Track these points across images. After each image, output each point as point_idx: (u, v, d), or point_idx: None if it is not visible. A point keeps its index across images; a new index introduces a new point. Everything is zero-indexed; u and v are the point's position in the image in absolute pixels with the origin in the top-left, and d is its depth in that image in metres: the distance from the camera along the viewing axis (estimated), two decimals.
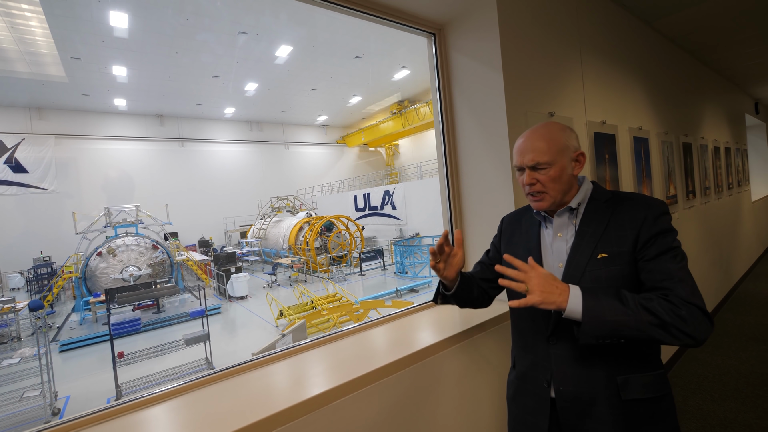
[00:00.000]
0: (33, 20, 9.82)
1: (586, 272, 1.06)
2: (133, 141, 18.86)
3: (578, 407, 1.07)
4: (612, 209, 1.09)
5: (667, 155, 3.66)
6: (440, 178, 2.16)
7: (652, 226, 1.03)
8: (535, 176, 1.10)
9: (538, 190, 1.11)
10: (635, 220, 1.04)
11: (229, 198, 21.38)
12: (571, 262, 1.09)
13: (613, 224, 1.07)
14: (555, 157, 1.08)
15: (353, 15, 1.82)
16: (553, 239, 1.17)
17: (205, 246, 18.39)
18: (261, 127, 22.75)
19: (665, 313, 0.91)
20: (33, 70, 12.75)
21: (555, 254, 1.15)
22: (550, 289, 0.97)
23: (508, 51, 1.87)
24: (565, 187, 1.11)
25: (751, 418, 2.63)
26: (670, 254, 1.01)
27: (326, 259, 14.09)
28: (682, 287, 0.95)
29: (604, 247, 1.06)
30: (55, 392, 5.57)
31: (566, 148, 1.09)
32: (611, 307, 0.93)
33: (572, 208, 1.13)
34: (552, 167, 1.08)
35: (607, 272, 1.04)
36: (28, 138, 16.07)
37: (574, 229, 1.13)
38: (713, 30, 3.94)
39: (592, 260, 1.06)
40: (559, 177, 1.09)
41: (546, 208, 1.14)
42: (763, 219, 7.74)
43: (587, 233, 1.09)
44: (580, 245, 1.09)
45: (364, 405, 1.25)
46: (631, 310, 0.93)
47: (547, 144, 1.08)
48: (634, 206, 1.07)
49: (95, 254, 10.93)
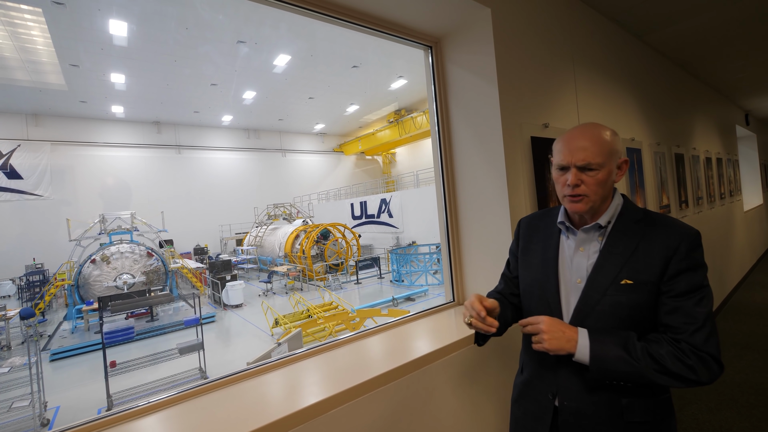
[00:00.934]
0: (35, 29, 9.88)
1: (606, 295, 1.03)
2: (130, 148, 18.83)
3: (580, 423, 1.07)
4: (643, 232, 1.04)
5: (659, 166, 3.71)
6: (437, 187, 2.18)
7: (684, 259, 0.98)
8: (582, 177, 1.03)
9: (581, 192, 1.04)
10: (667, 249, 0.99)
11: (226, 205, 21.32)
12: (592, 282, 1.05)
13: (642, 249, 1.02)
14: (606, 160, 1.02)
15: (352, 28, 1.85)
16: (575, 253, 1.11)
17: (200, 253, 18.27)
18: (258, 134, 22.81)
19: (671, 363, 0.93)
20: (32, 78, 12.77)
21: (574, 269, 1.10)
22: (560, 338, 1.01)
23: (502, 64, 1.90)
24: (607, 194, 1.06)
25: (747, 427, 2.63)
26: (699, 295, 0.97)
27: (322, 267, 14.03)
28: (698, 335, 0.94)
29: (630, 273, 1.01)
30: (45, 402, 5.47)
31: (615, 152, 1.04)
32: (618, 358, 0.95)
33: (601, 225, 1.07)
34: (601, 170, 1.02)
35: (628, 300, 1.01)
36: (23, 144, 15.99)
37: (599, 246, 1.08)
38: (703, 44, 4.03)
39: (614, 284, 1.02)
40: (605, 182, 1.03)
41: (584, 211, 1.07)
42: (755, 228, 7.82)
43: (613, 254, 1.04)
44: (603, 266, 1.05)
45: (361, 414, 1.24)
46: (636, 361, 0.94)
47: (600, 145, 1.02)
48: (667, 233, 1.01)
49: (89, 261, 10.83)
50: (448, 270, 2.14)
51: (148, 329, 8.67)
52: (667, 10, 3.14)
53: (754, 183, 9.01)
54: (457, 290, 2.12)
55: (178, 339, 7.46)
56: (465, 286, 2.12)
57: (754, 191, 8.92)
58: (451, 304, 2.11)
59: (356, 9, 1.77)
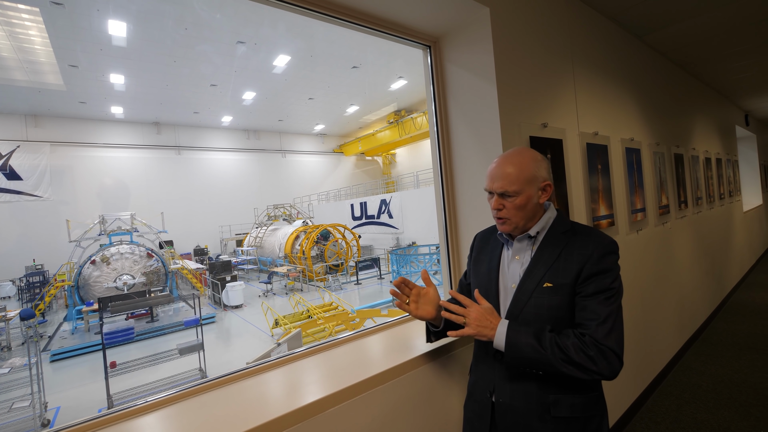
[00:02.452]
0: (33, 29, 9.88)
1: (531, 298, 1.15)
2: (130, 149, 18.83)
3: (513, 418, 1.15)
4: (566, 241, 1.16)
5: (658, 166, 3.71)
6: (435, 187, 2.19)
7: (596, 264, 1.09)
8: (502, 202, 1.16)
9: (503, 216, 1.18)
10: (582, 255, 1.11)
11: (226, 206, 21.32)
12: (521, 286, 1.18)
13: (564, 256, 1.14)
14: (522, 187, 1.13)
15: (351, 28, 1.85)
16: (511, 261, 1.24)
17: (200, 254, 18.28)
18: (258, 135, 22.81)
19: (574, 353, 1.02)
20: (31, 78, 12.77)
21: (510, 275, 1.23)
22: (484, 323, 1.12)
23: (501, 63, 1.91)
24: (529, 215, 1.17)
25: (745, 426, 2.63)
26: (605, 295, 1.08)
27: (322, 267, 14.04)
28: (600, 329, 1.04)
29: (551, 278, 1.13)
30: (45, 403, 5.47)
31: (534, 178, 1.15)
32: (528, 345, 1.06)
33: (531, 235, 1.20)
34: (518, 196, 1.14)
35: (548, 301, 1.12)
36: (23, 145, 16.00)
37: (530, 254, 1.20)
38: (702, 44, 4.04)
39: (538, 288, 1.14)
40: (524, 206, 1.15)
41: (509, 231, 1.21)
42: (754, 229, 7.82)
43: (540, 261, 1.17)
44: (532, 271, 1.17)
45: (360, 412, 1.25)
46: (545, 350, 1.04)
47: (517, 173, 1.13)
48: (585, 241, 1.14)
49: (89, 262, 10.84)
50: (446, 270, 2.15)
51: (148, 330, 8.68)
52: (666, 10, 3.14)
53: (754, 183, 9.02)
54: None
55: (178, 340, 7.46)
56: None
57: (754, 192, 8.92)
58: None
59: (355, 8, 1.78)
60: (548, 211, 1.22)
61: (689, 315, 4.08)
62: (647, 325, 3.13)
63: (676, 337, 3.73)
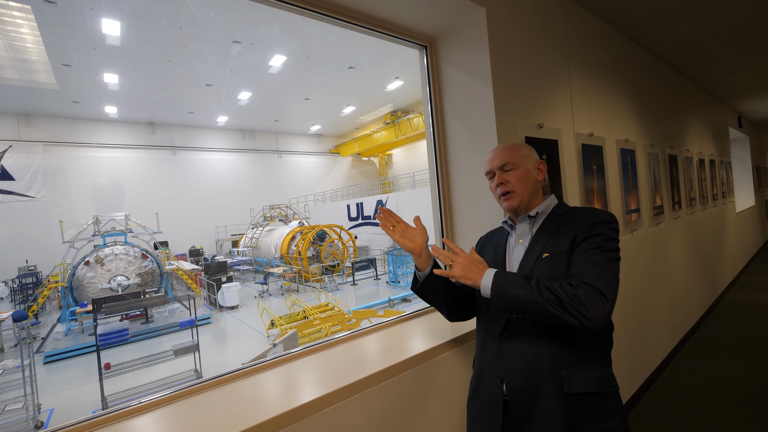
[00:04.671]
0: (24, 27, 9.78)
1: (533, 271, 1.16)
2: (124, 149, 18.68)
3: (525, 398, 1.13)
4: (563, 219, 1.21)
5: (653, 167, 3.74)
6: (431, 187, 2.19)
7: (588, 229, 1.13)
8: (504, 177, 1.24)
9: (507, 189, 1.24)
10: (578, 225, 1.15)
11: (221, 207, 21.21)
12: (523, 263, 1.22)
13: (560, 231, 1.18)
14: (520, 160, 1.24)
15: (347, 27, 1.86)
16: (515, 245, 1.29)
17: (195, 255, 18.17)
18: (254, 135, 22.73)
19: (562, 292, 1.01)
20: (22, 77, 12.64)
21: (515, 259, 1.27)
22: (471, 268, 1.12)
23: (497, 64, 1.92)
24: (532, 188, 1.24)
25: (737, 425, 2.66)
26: (598, 249, 1.09)
27: (318, 268, 14.01)
28: (589, 272, 1.04)
29: (548, 249, 1.17)
30: (39, 405, 5.41)
31: (528, 156, 1.26)
32: (515, 283, 1.06)
33: (531, 216, 1.25)
34: (518, 168, 1.23)
35: (548, 270, 1.14)
36: (15, 145, 15.81)
37: (531, 236, 1.25)
38: (696, 46, 4.08)
39: (538, 260, 1.17)
40: (525, 177, 1.23)
41: (515, 207, 1.24)
42: (747, 230, 7.90)
43: (539, 239, 1.21)
44: (532, 249, 1.21)
45: (356, 412, 1.25)
46: (532, 287, 1.03)
47: (512, 150, 1.25)
48: (580, 215, 1.19)
49: (83, 263, 10.74)
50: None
51: (143, 331, 8.61)
52: (661, 12, 3.17)
53: (747, 185, 9.11)
54: None
55: (173, 341, 7.41)
56: None
57: (747, 193, 9.02)
58: None
59: (351, 8, 1.78)
60: (550, 198, 1.30)
61: (682, 315, 4.12)
62: (641, 324, 3.16)
63: (670, 336, 3.77)
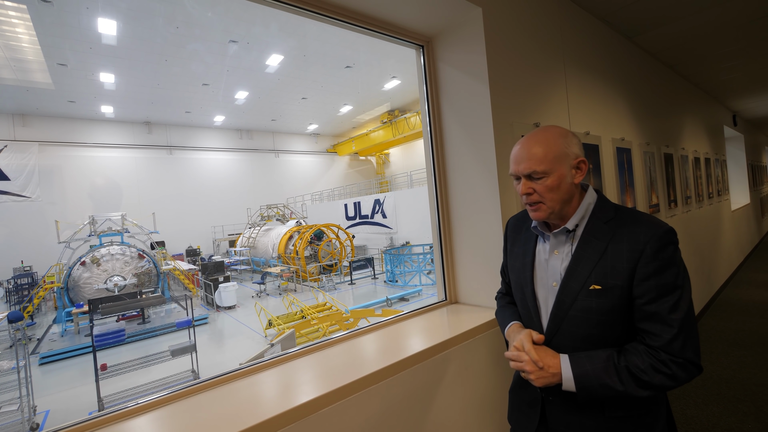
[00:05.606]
0: (20, 27, 9.71)
1: (577, 301, 1.03)
2: (120, 149, 18.60)
3: (564, 400, 1.09)
4: (612, 233, 1.02)
5: (649, 165, 3.76)
6: (429, 187, 2.19)
7: (651, 261, 0.95)
8: (532, 186, 1.04)
9: (534, 200, 1.05)
10: (634, 252, 0.97)
11: (218, 206, 21.16)
12: (565, 287, 1.06)
13: (611, 252, 1.00)
14: (552, 166, 1.01)
15: (344, 27, 1.85)
16: (550, 256, 1.12)
17: (192, 255, 18.12)
18: (251, 135, 22.67)
19: (652, 376, 0.93)
20: (18, 77, 12.55)
21: (550, 272, 1.11)
22: (544, 374, 1.01)
23: (494, 63, 1.92)
24: (565, 197, 1.04)
25: (733, 422, 2.68)
26: (671, 299, 0.94)
27: (316, 268, 13.99)
28: (676, 343, 0.92)
29: (598, 278, 1.00)
30: (34, 406, 5.39)
31: (565, 155, 1.02)
32: (602, 386, 0.96)
33: (569, 230, 1.07)
34: (549, 176, 1.01)
35: (598, 305, 1.01)
36: (10, 145, 15.72)
37: (571, 248, 1.07)
38: (691, 46, 4.10)
39: (584, 290, 1.02)
40: (557, 186, 1.02)
41: (544, 218, 1.08)
42: (742, 227, 7.95)
43: (583, 257, 1.04)
44: (575, 270, 1.04)
45: (355, 412, 1.25)
46: (620, 384, 0.95)
47: (544, 151, 1.01)
48: (634, 232, 0.99)
49: (79, 264, 10.69)
50: (440, 269, 2.15)
51: (140, 332, 8.58)
52: (656, 12, 3.19)
53: (742, 183, 9.17)
54: (449, 289, 2.13)
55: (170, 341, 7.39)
56: (457, 285, 2.13)
57: (742, 191, 9.08)
58: (444, 302, 2.12)
59: (348, 7, 1.77)
60: (587, 194, 1.09)
61: None
62: None
63: None
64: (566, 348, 1.06)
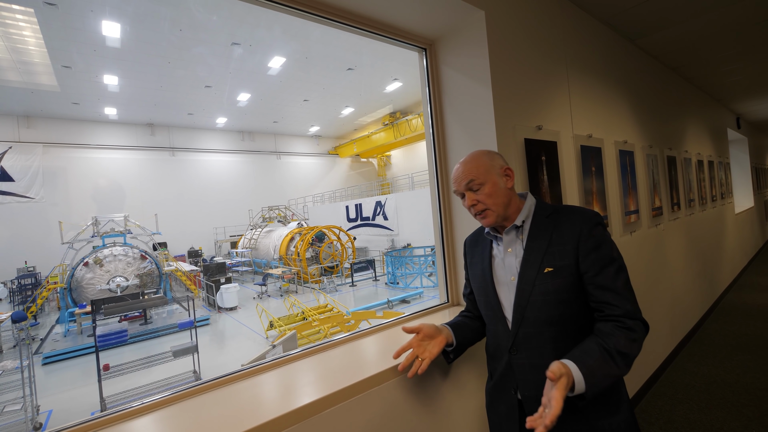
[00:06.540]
0: (27, 30, 9.80)
1: (535, 286, 1.16)
2: (123, 150, 18.70)
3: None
4: (553, 224, 1.19)
5: (651, 168, 3.75)
6: (431, 189, 2.19)
7: (588, 238, 1.13)
8: (475, 197, 1.21)
9: (480, 208, 1.21)
10: (573, 234, 1.15)
11: (220, 208, 21.22)
12: (522, 276, 1.19)
13: (555, 239, 1.17)
14: (485, 176, 1.20)
15: (347, 30, 1.86)
16: (505, 255, 1.26)
17: (194, 256, 18.17)
18: (253, 137, 22.75)
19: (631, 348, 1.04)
20: (24, 79, 12.66)
21: (507, 269, 1.25)
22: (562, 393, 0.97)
23: (496, 66, 1.92)
24: (504, 200, 1.21)
25: (737, 426, 2.66)
26: (613, 267, 1.11)
27: (317, 269, 14.00)
28: (628, 305, 1.09)
29: (550, 261, 1.15)
30: (38, 406, 5.40)
31: (491, 167, 1.21)
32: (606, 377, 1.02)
33: (517, 225, 1.23)
34: (485, 185, 1.19)
35: (554, 285, 1.14)
36: (15, 146, 15.83)
37: (522, 244, 1.22)
38: (694, 48, 4.09)
39: (540, 275, 1.16)
40: (495, 192, 1.19)
41: (493, 223, 1.23)
42: (746, 231, 7.91)
43: (533, 248, 1.19)
44: (528, 260, 1.19)
45: (356, 414, 1.25)
46: (618, 369, 1.03)
47: (476, 165, 1.21)
48: (571, 220, 1.17)
49: (82, 264, 10.73)
50: (442, 271, 2.15)
51: (142, 332, 8.59)
52: (658, 15, 3.19)
53: (745, 186, 9.13)
54: (451, 291, 2.13)
55: (172, 342, 7.40)
56: (459, 287, 2.13)
57: (745, 194, 9.03)
58: (446, 304, 2.11)
59: (351, 11, 1.78)
60: (528, 199, 1.27)
61: (682, 316, 4.12)
62: None
63: (669, 338, 3.77)
64: (533, 336, 1.17)
